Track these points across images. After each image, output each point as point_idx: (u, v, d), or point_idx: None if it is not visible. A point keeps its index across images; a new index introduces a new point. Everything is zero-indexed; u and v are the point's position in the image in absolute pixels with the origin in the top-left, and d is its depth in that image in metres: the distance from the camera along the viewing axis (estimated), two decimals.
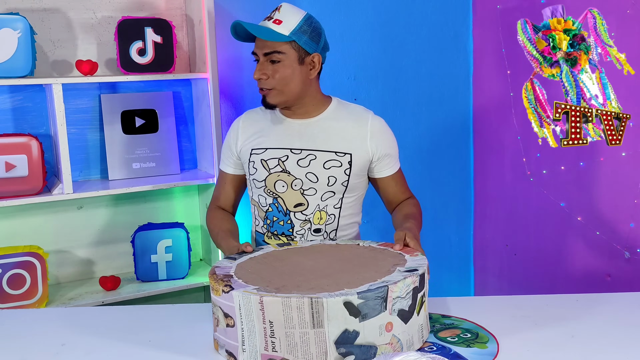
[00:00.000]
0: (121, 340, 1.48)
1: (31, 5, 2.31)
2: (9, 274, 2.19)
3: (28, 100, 2.35)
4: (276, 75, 1.74)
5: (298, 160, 1.78)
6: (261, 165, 1.80)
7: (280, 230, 1.81)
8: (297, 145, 1.79)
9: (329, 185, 1.78)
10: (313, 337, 1.24)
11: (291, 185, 1.77)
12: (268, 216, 1.82)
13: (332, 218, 1.82)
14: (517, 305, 1.61)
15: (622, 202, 2.47)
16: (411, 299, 1.31)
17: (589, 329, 1.45)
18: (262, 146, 1.81)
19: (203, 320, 1.59)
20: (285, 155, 1.79)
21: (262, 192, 1.81)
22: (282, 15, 1.73)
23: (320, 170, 1.77)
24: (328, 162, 1.78)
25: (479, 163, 3.12)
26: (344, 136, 1.80)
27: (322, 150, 1.78)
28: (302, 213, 1.79)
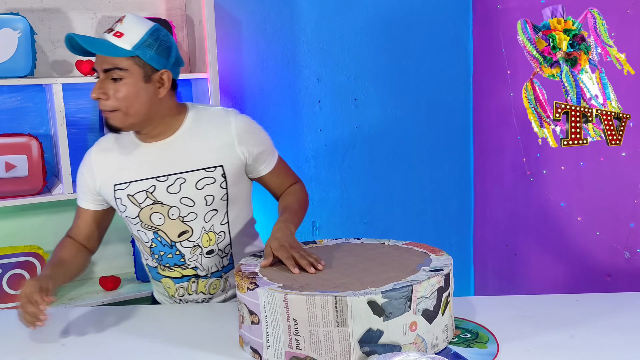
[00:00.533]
0: (121, 340, 1.48)
1: (31, 5, 2.31)
2: (9, 274, 2.19)
3: (28, 100, 2.34)
4: (118, 95, 1.53)
5: (167, 188, 1.60)
6: (129, 201, 1.63)
7: (172, 262, 1.68)
8: (161, 172, 1.61)
9: (209, 205, 1.62)
10: (337, 336, 1.24)
11: (168, 215, 1.62)
12: (154, 251, 1.68)
13: (222, 235, 1.68)
14: (517, 305, 1.61)
15: (622, 202, 2.47)
16: (436, 298, 1.31)
17: (589, 329, 1.45)
18: (124, 180, 1.63)
19: (203, 320, 1.60)
20: (152, 186, 1.61)
21: (140, 228, 1.66)
22: (125, 28, 1.55)
23: (194, 193, 1.61)
24: (200, 181, 1.61)
25: (479, 163, 3.12)
26: (210, 148, 1.62)
27: (190, 170, 1.61)
28: (189, 240, 1.65)
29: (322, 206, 2.88)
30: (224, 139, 1.63)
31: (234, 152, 1.63)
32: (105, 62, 1.54)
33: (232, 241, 1.70)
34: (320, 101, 2.83)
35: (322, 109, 2.84)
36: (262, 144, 1.69)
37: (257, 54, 2.69)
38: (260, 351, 1.33)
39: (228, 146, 1.63)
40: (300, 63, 2.77)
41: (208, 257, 1.68)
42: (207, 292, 1.73)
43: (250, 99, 2.70)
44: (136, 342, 1.46)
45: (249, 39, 2.67)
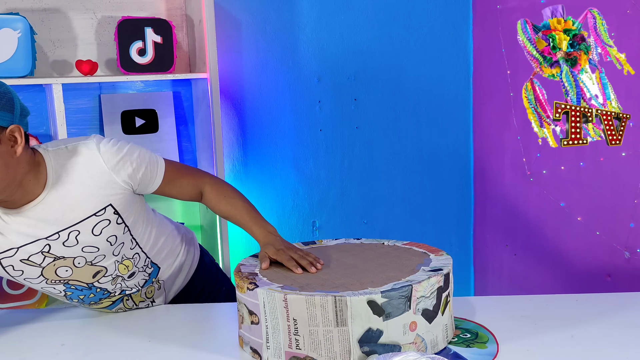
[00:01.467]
0: (121, 340, 1.48)
1: (31, 5, 2.31)
2: None
3: (28, 100, 2.34)
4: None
5: (64, 243, 1.45)
6: (25, 265, 1.46)
7: (96, 298, 1.60)
8: (48, 232, 1.43)
9: (114, 244, 1.51)
10: (337, 336, 1.24)
11: (74, 264, 1.49)
12: (71, 298, 1.57)
13: (137, 257, 1.59)
14: (517, 305, 1.61)
15: (622, 202, 2.47)
16: (435, 298, 1.31)
17: (589, 329, 1.45)
18: (8, 247, 1.43)
19: (203, 320, 1.60)
20: (46, 245, 1.44)
21: (45, 285, 1.52)
22: None
23: (94, 239, 1.47)
24: (95, 227, 1.46)
25: (479, 163, 3.12)
26: (91, 192, 1.45)
27: (79, 222, 1.44)
28: (105, 276, 1.56)
29: (322, 206, 2.88)
30: (100, 178, 1.45)
31: (116, 185, 1.47)
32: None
33: (147, 253, 1.62)
34: (320, 101, 2.83)
35: (322, 109, 2.84)
36: (140, 164, 1.50)
37: (257, 54, 2.69)
38: (260, 351, 1.33)
39: (108, 183, 1.46)
40: (300, 63, 2.77)
41: (131, 279, 1.62)
42: (146, 298, 1.71)
43: (250, 99, 2.70)
44: (136, 342, 1.46)
45: (249, 39, 2.67)
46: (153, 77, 2.34)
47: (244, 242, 2.73)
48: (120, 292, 1.62)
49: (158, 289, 1.73)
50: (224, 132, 2.65)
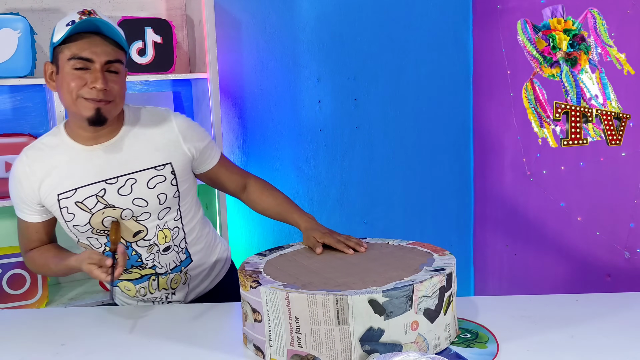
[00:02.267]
0: (121, 340, 1.48)
1: (31, 5, 2.31)
2: (9, 274, 2.19)
3: (28, 100, 2.35)
4: (116, 88, 1.52)
5: (118, 190, 1.56)
6: (78, 208, 1.56)
7: (129, 264, 1.64)
8: (110, 175, 1.56)
9: (162, 204, 1.60)
10: (338, 334, 1.24)
11: (121, 216, 1.58)
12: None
13: (176, 231, 1.67)
14: (517, 305, 1.61)
15: (622, 202, 2.47)
16: (438, 298, 1.31)
17: (589, 329, 1.45)
18: (69, 188, 1.56)
19: (203, 319, 1.59)
20: (102, 189, 1.55)
21: (90, 235, 1.60)
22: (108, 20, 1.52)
23: (146, 192, 1.58)
24: (151, 180, 1.58)
25: (479, 163, 3.12)
26: (156, 147, 1.60)
27: (140, 170, 1.58)
28: (144, 240, 1.63)
29: (322, 206, 2.88)
30: (168, 136, 1.62)
31: (180, 149, 1.63)
32: (111, 54, 1.50)
33: (186, 235, 1.69)
34: (320, 101, 2.83)
35: (322, 109, 2.84)
36: (205, 138, 1.70)
37: (257, 54, 2.69)
38: (263, 349, 1.33)
39: (174, 144, 1.62)
40: (300, 63, 2.77)
41: (165, 254, 1.67)
42: (169, 287, 1.73)
43: (250, 99, 2.70)
44: (136, 342, 1.46)
45: (249, 39, 2.67)
46: (153, 77, 2.35)
47: (244, 242, 2.73)
48: (151, 266, 1.66)
49: (183, 283, 1.74)
50: (224, 132, 2.65)
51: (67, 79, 1.49)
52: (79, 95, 1.49)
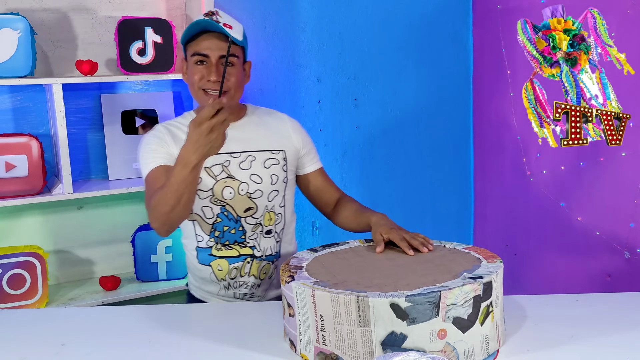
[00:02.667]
0: (121, 340, 1.48)
1: (31, 5, 2.31)
2: (9, 274, 2.19)
3: (28, 100, 2.35)
4: (232, 79, 1.72)
5: (240, 163, 1.76)
6: (205, 173, 1.74)
7: (232, 239, 1.76)
8: (234, 149, 1.76)
9: (273, 184, 1.78)
10: (360, 336, 1.24)
11: (238, 190, 1.75)
12: (216, 227, 1.76)
13: (279, 217, 1.82)
14: (517, 305, 1.61)
15: (622, 202, 2.47)
16: (472, 307, 1.26)
17: (589, 329, 1.45)
18: None
19: (203, 319, 1.59)
20: (227, 160, 1.75)
21: (207, 203, 1.75)
22: (229, 21, 1.73)
23: (262, 170, 1.77)
24: (267, 161, 1.79)
25: (479, 163, 3.12)
26: (272, 135, 1.83)
27: (259, 150, 1.79)
28: (253, 217, 1.77)
29: None
30: (281, 128, 1.86)
31: (291, 141, 1.85)
32: (223, 49, 1.70)
33: (285, 224, 1.83)
34: (320, 101, 2.83)
35: (322, 109, 2.84)
36: (311, 143, 1.92)
37: (257, 54, 2.69)
38: (295, 343, 1.35)
39: (286, 136, 1.85)
40: (300, 63, 2.77)
41: (266, 238, 1.79)
42: (258, 276, 1.79)
43: (251, 99, 2.70)
44: (136, 342, 1.46)
45: (249, 39, 2.67)
46: (153, 77, 2.35)
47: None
48: (251, 246, 1.77)
49: (269, 277, 1.82)
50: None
51: (191, 72, 1.74)
52: (199, 87, 1.73)
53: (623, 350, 1.35)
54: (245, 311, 1.68)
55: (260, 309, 1.68)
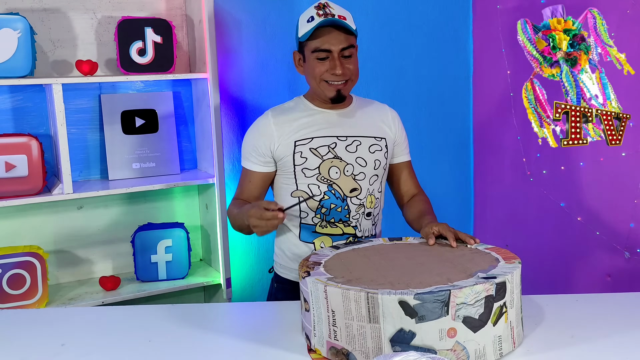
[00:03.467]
0: (121, 340, 1.48)
1: (31, 5, 2.31)
2: (9, 274, 2.19)
3: (28, 100, 2.35)
4: (351, 68, 1.81)
5: (346, 147, 1.84)
6: (311, 153, 1.82)
7: (338, 216, 1.83)
8: (341, 133, 1.85)
9: (375, 169, 1.86)
10: (369, 332, 1.25)
11: (344, 171, 1.82)
12: (324, 204, 1.82)
13: (378, 202, 1.89)
14: None
15: (622, 202, 2.47)
16: (483, 307, 1.25)
17: (589, 329, 1.45)
18: (308, 137, 1.84)
19: (202, 319, 1.59)
20: (334, 143, 1.83)
21: (314, 181, 1.82)
22: (340, 12, 1.81)
23: (367, 155, 1.85)
24: (372, 146, 1.87)
25: (479, 163, 3.12)
26: (375, 123, 1.91)
27: (365, 135, 1.87)
28: (357, 198, 1.84)
29: None
30: (383, 118, 1.94)
31: (391, 130, 1.93)
32: (344, 42, 1.79)
33: (380, 209, 1.91)
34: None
35: None
36: (405, 135, 2.00)
37: (257, 54, 2.69)
38: (310, 337, 1.37)
39: (387, 125, 1.93)
40: None
41: (367, 220, 1.86)
42: None
43: (250, 99, 2.70)
44: (136, 342, 1.46)
45: (249, 39, 2.67)
46: (153, 77, 2.35)
47: (243, 243, 2.73)
48: (354, 225, 1.84)
49: None
50: (224, 132, 2.65)
51: (312, 66, 1.81)
52: (322, 79, 1.81)
53: (623, 350, 1.35)
54: (246, 311, 1.67)
55: (261, 309, 1.68)
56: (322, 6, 1.80)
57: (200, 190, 2.62)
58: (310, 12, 1.81)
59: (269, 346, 1.40)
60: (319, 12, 1.79)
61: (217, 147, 2.40)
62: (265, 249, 2.78)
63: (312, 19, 1.79)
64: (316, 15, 1.78)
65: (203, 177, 2.45)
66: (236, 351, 1.40)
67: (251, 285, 2.77)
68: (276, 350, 1.38)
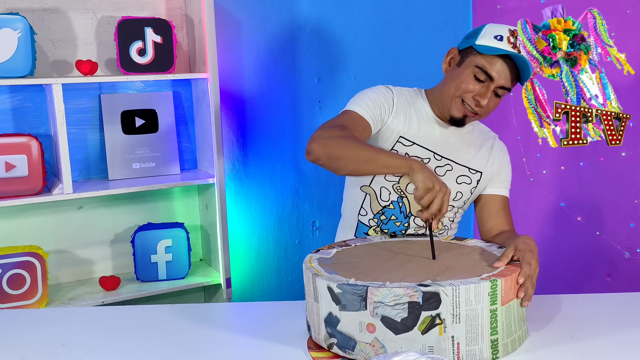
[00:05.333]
0: (121, 340, 1.48)
1: (31, 5, 2.31)
2: (9, 274, 2.19)
3: (28, 100, 2.35)
4: (490, 106, 1.70)
5: (436, 168, 1.72)
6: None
7: (394, 229, 1.74)
8: (440, 152, 1.73)
9: (455, 200, 1.75)
10: (315, 310, 1.36)
11: None
12: (385, 213, 1.74)
13: (444, 229, 1.79)
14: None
15: (622, 202, 2.47)
16: (407, 312, 1.23)
17: (589, 329, 1.45)
18: (411, 139, 1.72)
19: (202, 320, 1.59)
20: (428, 158, 1.72)
21: (389, 186, 1.73)
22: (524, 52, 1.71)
23: (452, 184, 1.71)
24: (460, 177, 1.75)
25: None
26: (477, 153, 1.77)
27: (460, 163, 1.75)
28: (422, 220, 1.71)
29: (322, 206, 2.88)
30: (486, 150, 1.79)
31: (492, 164, 1.78)
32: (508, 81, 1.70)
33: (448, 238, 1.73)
34: (320, 101, 2.83)
35: (322, 109, 2.83)
36: (508, 170, 1.83)
37: (257, 54, 2.69)
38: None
39: (487, 157, 1.78)
40: (300, 63, 2.77)
41: None
42: None
43: (250, 99, 2.70)
44: (136, 342, 1.46)
45: (249, 39, 2.67)
46: (153, 77, 2.35)
47: (243, 243, 2.73)
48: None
49: None
50: (224, 132, 2.65)
51: (463, 78, 1.68)
52: (460, 96, 1.68)
53: (623, 350, 1.35)
54: (246, 311, 1.67)
55: (261, 309, 1.68)
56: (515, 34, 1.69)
57: (200, 190, 2.62)
58: (503, 32, 1.68)
59: (269, 346, 1.40)
60: (510, 38, 1.69)
61: (217, 147, 2.40)
62: (266, 249, 2.78)
63: (501, 39, 1.66)
64: (507, 39, 1.67)
65: (203, 177, 2.45)
66: (236, 351, 1.40)
67: (251, 285, 2.77)
68: (276, 351, 1.38)
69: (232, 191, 2.69)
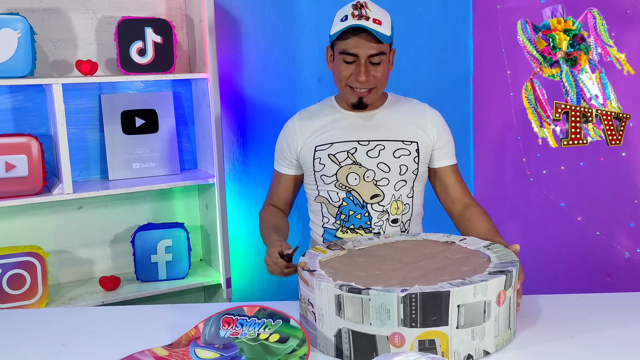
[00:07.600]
0: (121, 340, 1.48)
1: (31, 5, 2.31)
2: (9, 274, 2.19)
3: (28, 100, 2.35)
4: (377, 75, 1.73)
5: (367, 152, 1.77)
6: (329, 159, 1.78)
7: (358, 223, 1.79)
8: (363, 137, 1.79)
9: (401, 174, 1.78)
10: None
11: (363, 177, 1.77)
12: (342, 211, 1.80)
13: (407, 207, 1.82)
14: None
15: (622, 202, 2.47)
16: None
17: (589, 329, 1.45)
18: (327, 142, 1.80)
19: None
20: (354, 148, 1.78)
21: (332, 187, 1.79)
22: (377, 14, 1.70)
23: (391, 160, 1.77)
24: (397, 151, 1.78)
25: (479, 163, 3.12)
26: (407, 125, 1.82)
27: (390, 139, 1.79)
28: (379, 204, 1.78)
29: None
30: (419, 120, 1.83)
31: (427, 134, 1.82)
32: (372, 48, 1.70)
33: (412, 216, 1.84)
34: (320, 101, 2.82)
35: None
36: (449, 137, 1.86)
37: (257, 54, 2.69)
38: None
39: (422, 128, 1.82)
40: (300, 63, 2.77)
41: (392, 226, 1.80)
42: None
43: (250, 99, 2.70)
44: (136, 342, 1.46)
45: (249, 39, 2.67)
46: (153, 77, 2.35)
47: (243, 243, 2.73)
48: (377, 232, 1.80)
49: None
50: (224, 132, 2.65)
51: (338, 67, 1.75)
52: (346, 83, 1.75)
53: (623, 350, 1.35)
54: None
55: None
56: (359, 6, 1.69)
57: (200, 190, 2.62)
58: (346, 11, 1.71)
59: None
60: (354, 12, 1.69)
61: (217, 147, 2.40)
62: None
63: (346, 19, 1.69)
64: (350, 15, 1.69)
65: (203, 177, 2.45)
66: None
67: (251, 285, 2.77)
68: None
69: (232, 191, 2.69)
